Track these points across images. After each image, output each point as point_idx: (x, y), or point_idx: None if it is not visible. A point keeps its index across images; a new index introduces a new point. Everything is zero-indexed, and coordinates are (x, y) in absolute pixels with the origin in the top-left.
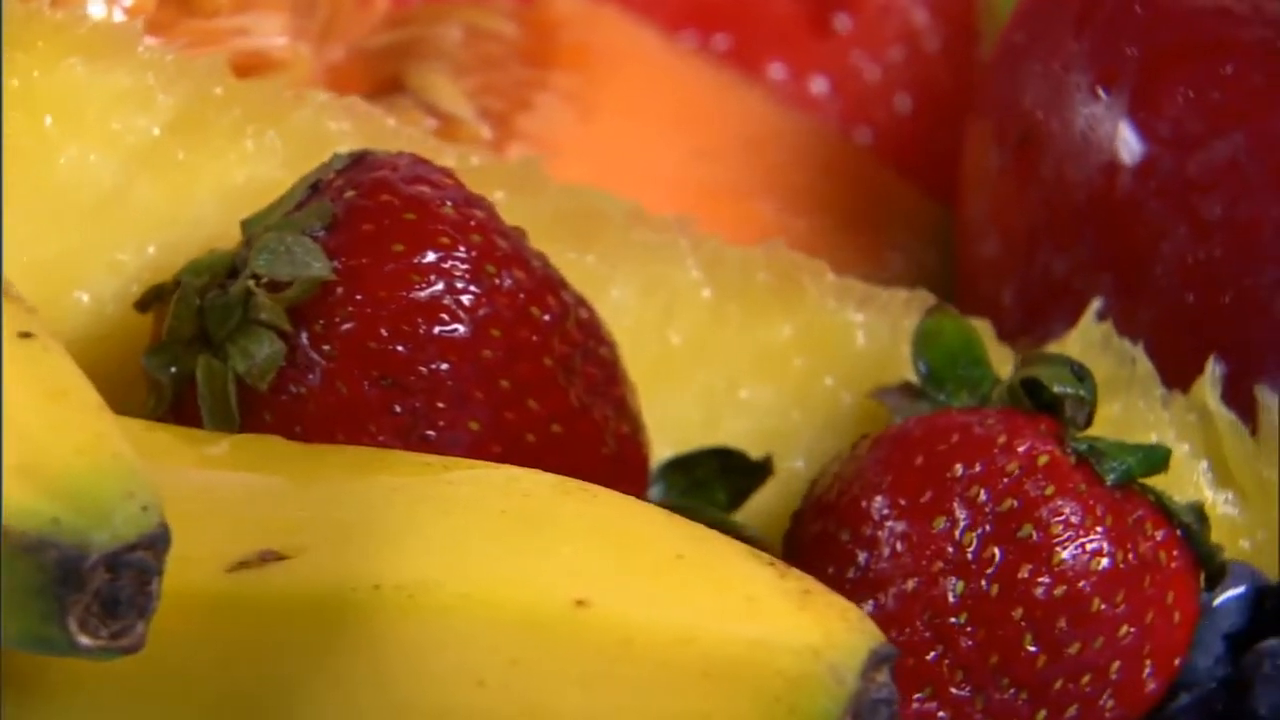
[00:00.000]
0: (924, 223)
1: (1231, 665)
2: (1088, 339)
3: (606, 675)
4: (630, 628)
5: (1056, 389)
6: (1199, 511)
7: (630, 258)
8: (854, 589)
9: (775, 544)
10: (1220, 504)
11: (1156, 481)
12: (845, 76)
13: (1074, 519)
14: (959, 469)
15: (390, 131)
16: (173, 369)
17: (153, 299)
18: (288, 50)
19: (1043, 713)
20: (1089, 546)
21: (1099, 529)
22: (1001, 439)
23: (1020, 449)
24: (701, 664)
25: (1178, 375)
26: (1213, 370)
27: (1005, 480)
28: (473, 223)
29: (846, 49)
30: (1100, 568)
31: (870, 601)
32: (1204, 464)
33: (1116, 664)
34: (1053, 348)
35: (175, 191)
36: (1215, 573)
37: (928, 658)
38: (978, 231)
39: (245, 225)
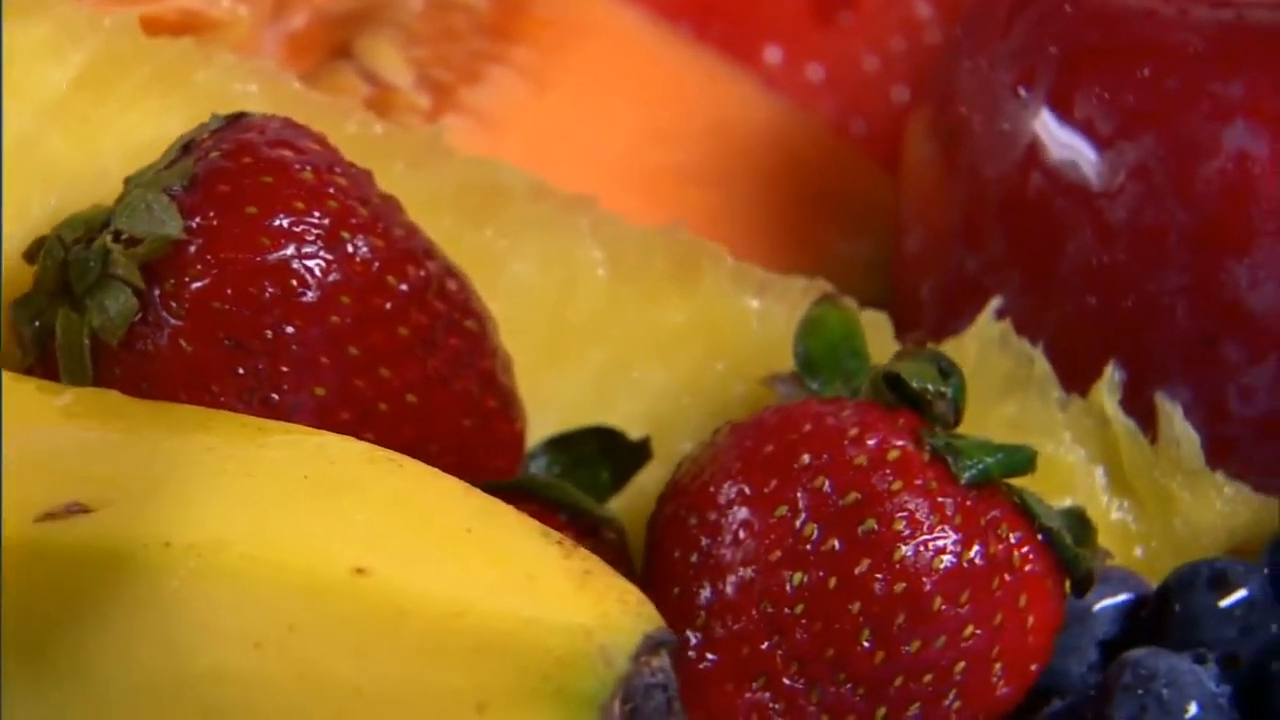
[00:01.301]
0: (890, 215)
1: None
2: (985, 337)
3: (380, 644)
4: (406, 598)
5: (916, 384)
6: (1075, 517)
7: (529, 233)
8: (695, 574)
9: None
10: (1115, 511)
11: (1049, 485)
12: (843, 66)
13: (919, 515)
14: (806, 458)
15: (297, 95)
16: (37, 322)
17: (36, 250)
18: (226, 12)
19: (882, 710)
20: (933, 544)
21: (945, 527)
22: (853, 431)
23: (870, 442)
24: (473, 638)
25: (1079, 379)
26: (1112, 375)
27: (851, 472)
28: (331, 189)
29: (847, 39)
30: (943, 566)
31: (709, 587)
32: (1100, 470)
33: (961, 665)
34: (950, 345)
35: (82, 145)
36: (1082, 579)
37: (762, 647)
38: (906, 224)
39: (127, 181)
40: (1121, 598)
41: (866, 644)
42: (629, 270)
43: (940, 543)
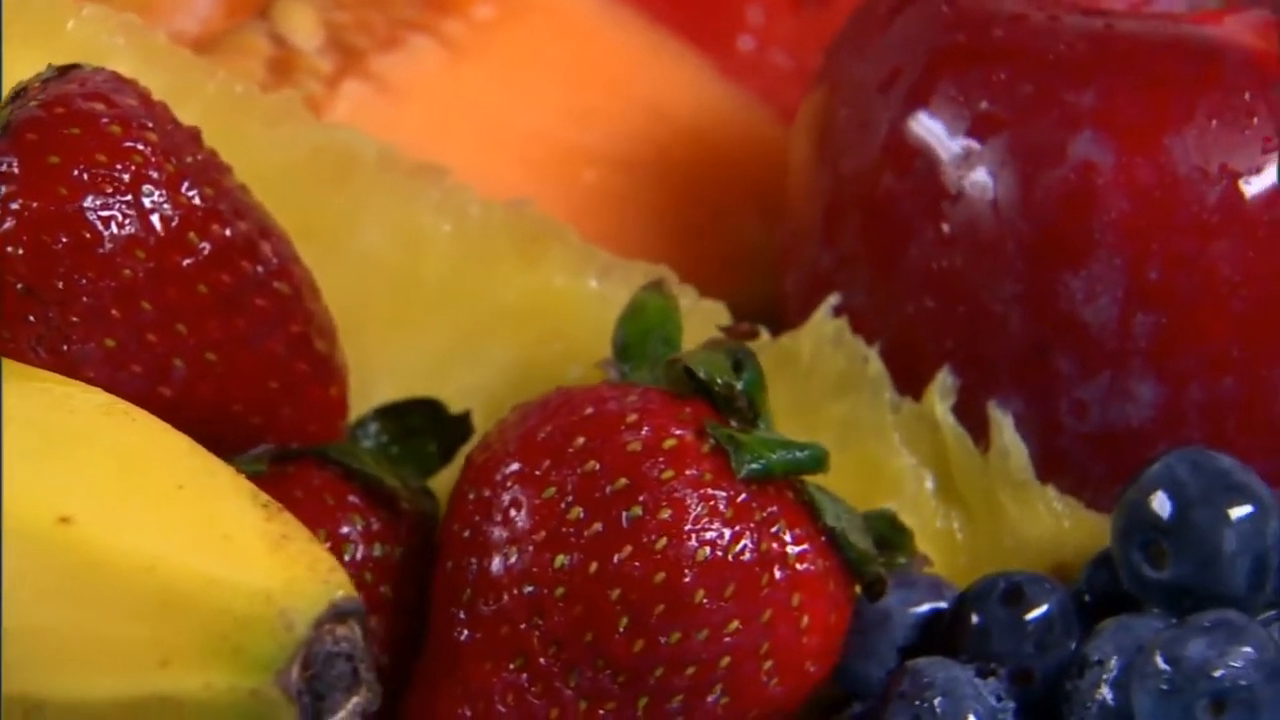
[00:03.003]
0: None
1: None
2: (820, 334)
3: (78, 594)
4: (104, 549)
5: (703, 374)
6: (886, 521)
7: (378, 202)
8: (466, 549)
9: None
10: (942, 518)
11: (877, 488)
12: (811, 54)
13: (687, 506)
14: (580, 441)
15: (163, 50)
16: None
17: None
18: None
19: (644, 700)
20: (698, 536)
21: (712, 520)
22: (632, 417)
23: (646, 429)
24: (161, 594)
25: (916, 383)
26: (944, 380)
27: (623, 458)
28: (139, 145)
29: (820, 27)
30: (705, 558)
31: (476, 564)
32: (930, 476)
33: (726, 659)
34: (786, 340)
35: None
36: (872, 583)
37: (521, 627)
38: (784, 215)
39: None
40: (925, 605)
41: (626, 631)
42: (474, 244)
43: (707, 535)
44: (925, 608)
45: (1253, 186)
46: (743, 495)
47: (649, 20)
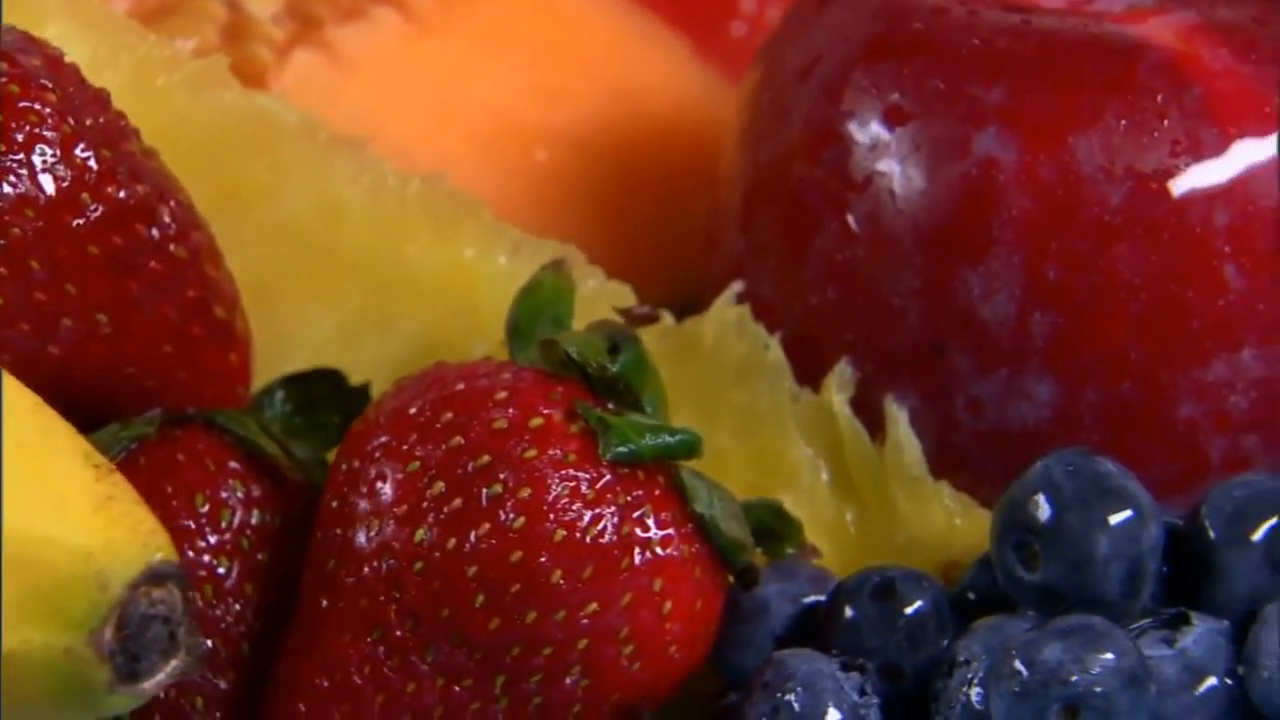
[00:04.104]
0: None
1: None
2: (723, 320)
3: None
4: None
5: (575, 355)
6: (770, 510)
7: (298, 171)
8: (334, 521)
9: None
10: (835, 510)
11: (773, 478)
12: None
13: (549, 485)
14: (448, 417)
15: (97, 11)
16: None
17: None
18: None
19: (501, 678)
20: (557, 516)
21: (573, 501)
22: (501, 394)
23: (515, 407)
24: None
25: (818, 374)
26: (842, 372)
27: (488, 435)
28: (38, 105)
29: None
30: (562, 539)
31: (341, 535)
32: (826, 467)
33: (584, 641)
34: (689, 325)
35: None
36: (743, 572)
37: (380, 600)
38: (714, 199)
39: None
40: (805, 597)
41: (482, 609)
42: (389, 216)
43: (566, 516)
44: (804, 600)
45: (1158, 189)
46: (607, 477)
47: (633, 2)
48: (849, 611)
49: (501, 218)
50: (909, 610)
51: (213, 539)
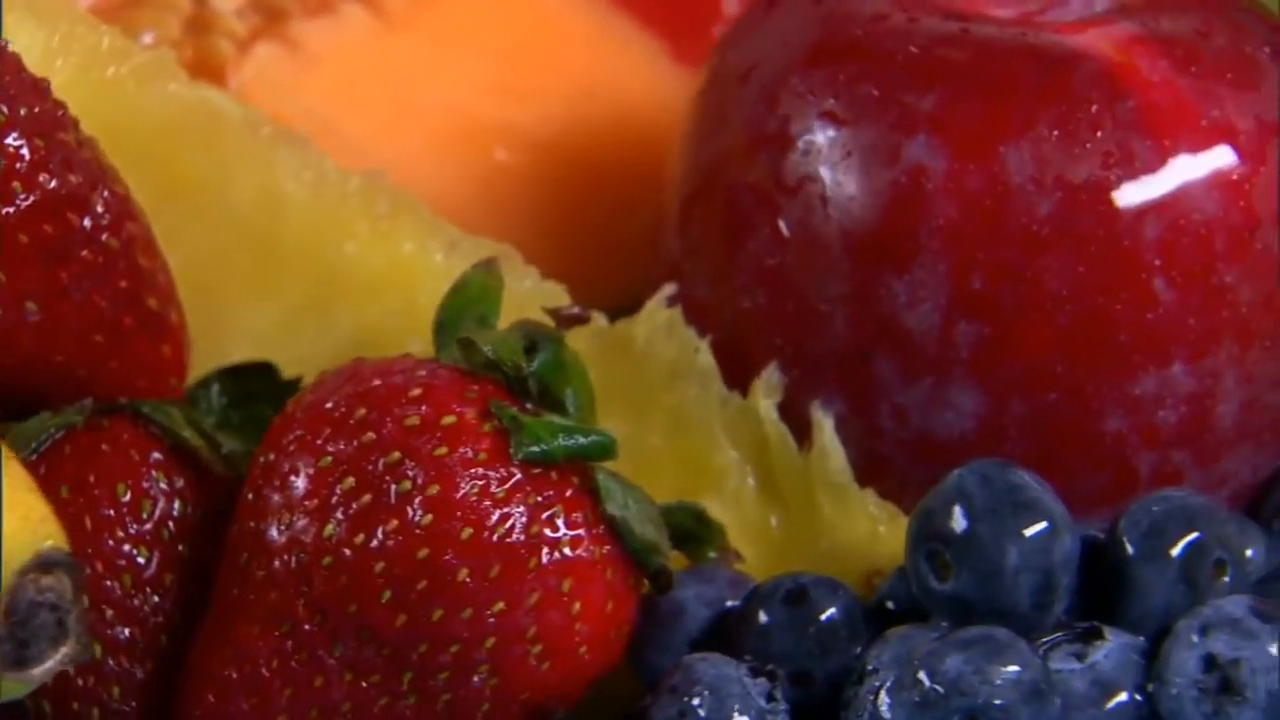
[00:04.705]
0: None
1: None
2: (654, 322)
3: None
4: None
5: (490, 353)
6: (690, 513)
7: (241, 164)
8: (249, 514)
9: None
10: (761, 515)
11: (700, 481)
12: None
13: (458, 484)
14: (361, 412)
15: (53, 3)
16: None
17: None
18: None
19: (409, 675)
20: (465, 515)
21: (482, 500)
22: (415, 391)
23: (428, 405)
24: None
25: (747, 378)
26: (770, 377)
27: (400, 432)
28: None
29: None
30: (469, 537)
31: (255, 528)
32: (752, 472)
33: (491, 640)
34: (621, 327)
35: None
36: (656, 574)
37: (289, 593)
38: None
39: None
40: (721, 601)
41: (389, 606)
42: (328, 210)
43: (474, 515)
44: (722, 604)
45: (1088, 201)
46: (517, 477)
47: (613, 4)
48: (762, 616)
49: (454, 217)
50: (821, 617)
51: (133, 529)
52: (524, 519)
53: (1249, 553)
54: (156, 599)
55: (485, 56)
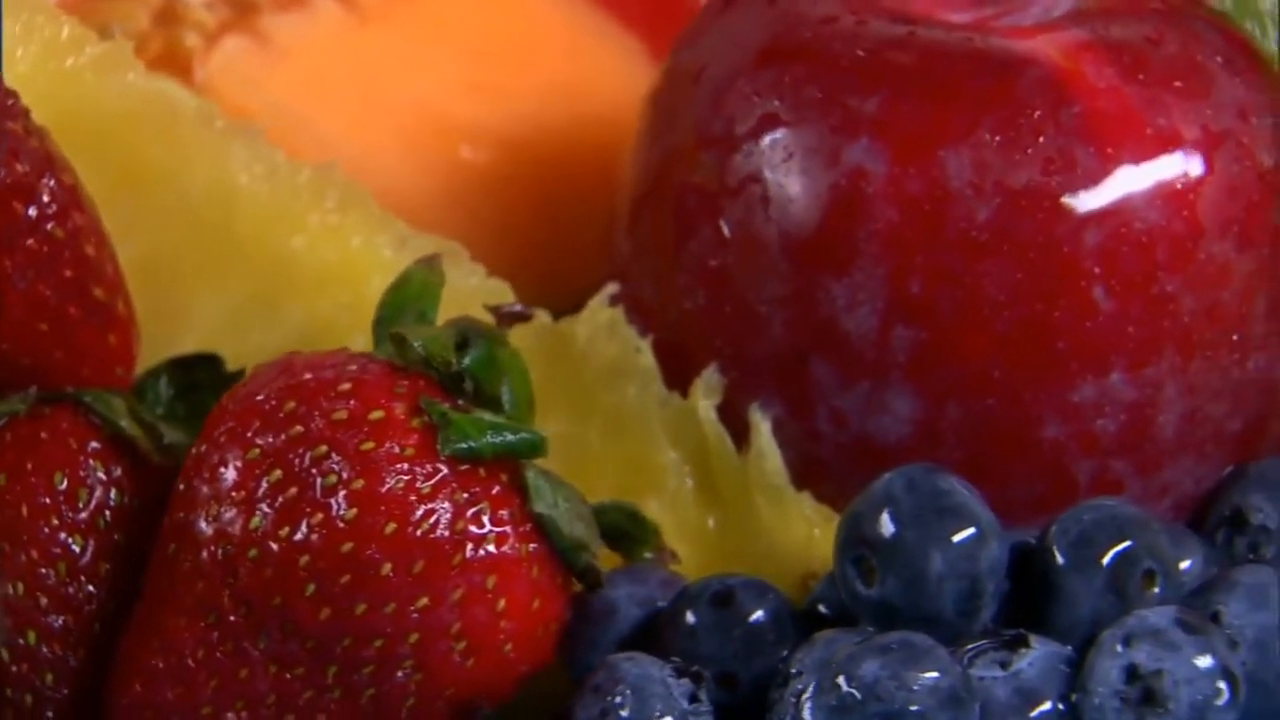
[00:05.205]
0: None
1: None
2: (596, 322)
3: None
4: None
5: (419, 349)
6: (623, 513)
7: (195, 156)
8: (178, 505)
9: None
10: (698, 515)
11: (639, 481)
12: None
13: (383, 479)
14: (290, 406)
15: None
16: None
17: None
18: None
19: (333, 669)
20: (389, 510)
21: (407, 495)
22: (345, 386)
23: (356, 399)
24: None
25: (687, 379)
26: (709, 378)
27: (328, 426)
28: None
29: None
30: (393, 532)
31: (183, 520)
32: (691, 473)
33: (415, 635)
34: (564, 325)
35: None
36: (584, 573)
37: (215, 585)
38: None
39: None
40: (654, 602)
41: (313, 599)
42: (279, 204)
43: (398, 510)
44: (653, 604)
45: (1028, 206)
46: (443, 473)
47: (593, 3)
48: (689, 617)
49: (415, 213)
50: (748, 619)
51: (70, 517)
52: (449, 515)
53: (1184, 564)
54: (91, 587)
55: (459, 53)
